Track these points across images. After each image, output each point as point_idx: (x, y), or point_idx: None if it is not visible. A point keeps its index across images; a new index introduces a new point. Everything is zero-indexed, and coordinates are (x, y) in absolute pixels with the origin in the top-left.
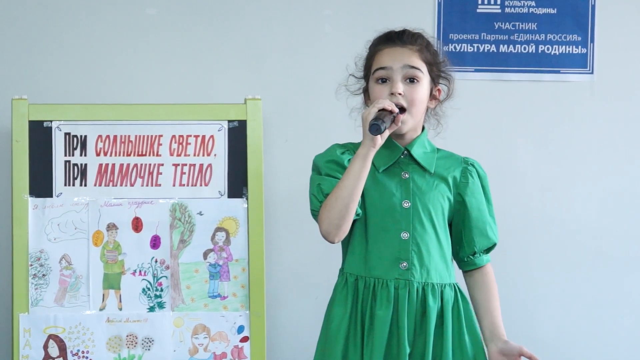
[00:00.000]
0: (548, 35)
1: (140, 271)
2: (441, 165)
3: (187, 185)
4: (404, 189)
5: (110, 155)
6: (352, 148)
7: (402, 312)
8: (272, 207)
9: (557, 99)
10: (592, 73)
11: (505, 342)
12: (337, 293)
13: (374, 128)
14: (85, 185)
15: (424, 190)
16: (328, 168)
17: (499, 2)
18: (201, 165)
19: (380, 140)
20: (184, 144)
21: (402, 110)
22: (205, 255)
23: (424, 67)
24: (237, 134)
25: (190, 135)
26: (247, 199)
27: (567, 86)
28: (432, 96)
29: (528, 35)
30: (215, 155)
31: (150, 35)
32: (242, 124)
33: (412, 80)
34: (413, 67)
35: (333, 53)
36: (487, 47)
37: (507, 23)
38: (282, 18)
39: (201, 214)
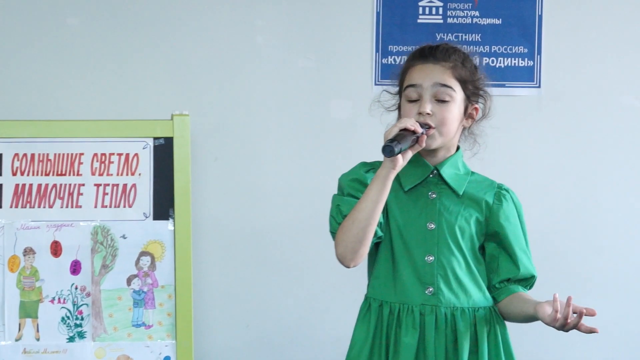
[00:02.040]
0: (493, 46)
1: (59, 298)
2: (472, 187)
3: (110, 206)
4: (429, 210)
5: (28, 175)
6: (378, 167)
7: (430, 338)
8: (200, 230)
9: (503, 115)
10: (539, 87)
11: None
12: (360, 319)
13: (387, 150)
14: (0, 206)
15: (451, 211)
16: (350, 187)
17: (440, 12)
18: (125, 186)
19: (401, 161)
20: (107, 162)
21: (429, 128)
22: (129, 281)
23: (456, 85)
24: (164, 151)
25: (113, 154)
26: (173, 221)
27: (513, 101)
28: (467, 115)
29: (471, 46)
30: (139, 174)
31: (71, 47)
32: (169, 141)
33: (443, 99)
34: (444, 85)
35: (266, 66)
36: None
37: (450, 34)
38: (212, 29)
39: (125, 238)
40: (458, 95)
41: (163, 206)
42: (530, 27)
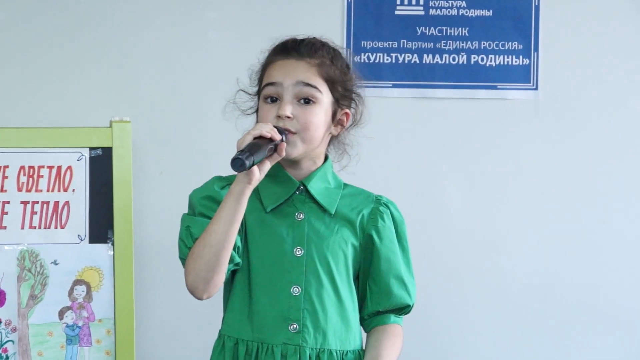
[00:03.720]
0: (482, 42)
1: None
2: (346, 204)
3: (39, 227)
4: (296, 233)
5: None
6: None
7: None
8: (143, 255)
9: (494, 121)
10: (536, 89)
11: None
12: (213, 359)
13: (237, 163)
14: None
15: (322, 234)
16: (202, 206)
17: (421, 2)
18: (56, 203)
19: (257, 174)
20: (35, 176)
21: (289, 134)
22: (61, 314)
23: (323, 86)
24: (101, 164)
25: (43, 166)
26: (112, 244)
27: (506, 105)
28: (336, 121)
29: (458, 42)
30: (73, 190)
31: None
32: (107, 151)
33: (307, 100)
34: (308, 84)
35: (219, 65)
36: (408, 57)
37: (432, 28)
38: (157, 23)
39: (56, 264)
40: (325, 97)
41: (101, 227)
42: (525, 20)
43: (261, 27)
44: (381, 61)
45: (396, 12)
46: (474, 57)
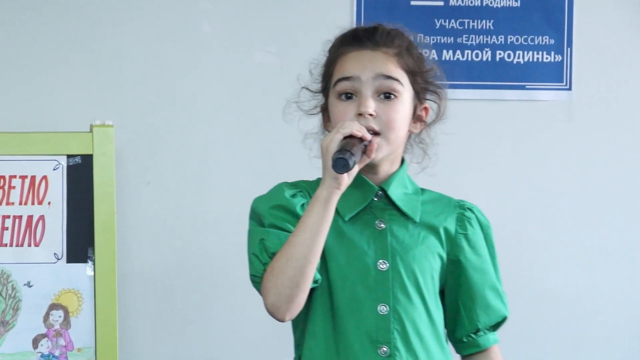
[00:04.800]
0: (509, 36)
1: None
2: (428, 210)
3: (11, 245)
4: (379, 245)
5: None
6: (305, 188)
7: None
8: (128, 276)
9: (523, 126)
10: (569, 89)
11: None
12: None
13: (340, 164)
14: None
15: (406, 245)
16: (273, 217)
17: None
18: (30, 218)
19: (347, 179)
20: (6, 187)
21: (374, 134)
22: (35, 342)
23: (404, 78)
24: (80, 173)
25: (15, 176)
26: (93, 264)
27: (536, 107)
28: (416, 117)
29: (482, 36)
30: (49, 203)
31: None
32: (87, 159)
33: (387, 95)
34: (389, 77)
35: (214, 62)
36: (426, 53)
37: (453, 20)
38: (144, 14)
39: (30, 286)
40: (406, 90)
41: (80, 245)
42: (557, 11)
43: (261, 19)
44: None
45: (412, 3)
46: (500, 54)
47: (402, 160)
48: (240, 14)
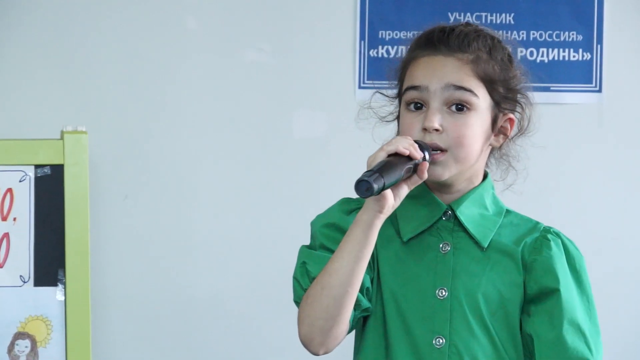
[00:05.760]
0: (532, 32)
1: None
2: (506, 234)
3: None
4: (440, 270)
5: None
6: None
7: None
8: (102, 301)
9: (548, 131)
10: (599, 91)
11: None
12: None
13: (363, 186)
14: None
15: (471, 271)
16: (324, 236)
17: None
18: None
19: (391, 201)
20: None
21: (439, 152)
22: None
23: (479, 88)
24: (50, 185)
25: None
26: (64, 287)
27: (563, 111)
28: (497, 129)
29: (501, 32)
30: (14, 219)
31: None
32: (58, 170)
33: (460, 107)
34: (460, 87)
35: (200, 61)
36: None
37: (469, 14)
38: (122, 9)
39: None
40: (482, 101)
41: (49, 266)
42: (586, 4)
43: (253, 13)
44: (404, 56)
45: None
46: (522, 51)
47: (485, 176)
48: (229, 8)
